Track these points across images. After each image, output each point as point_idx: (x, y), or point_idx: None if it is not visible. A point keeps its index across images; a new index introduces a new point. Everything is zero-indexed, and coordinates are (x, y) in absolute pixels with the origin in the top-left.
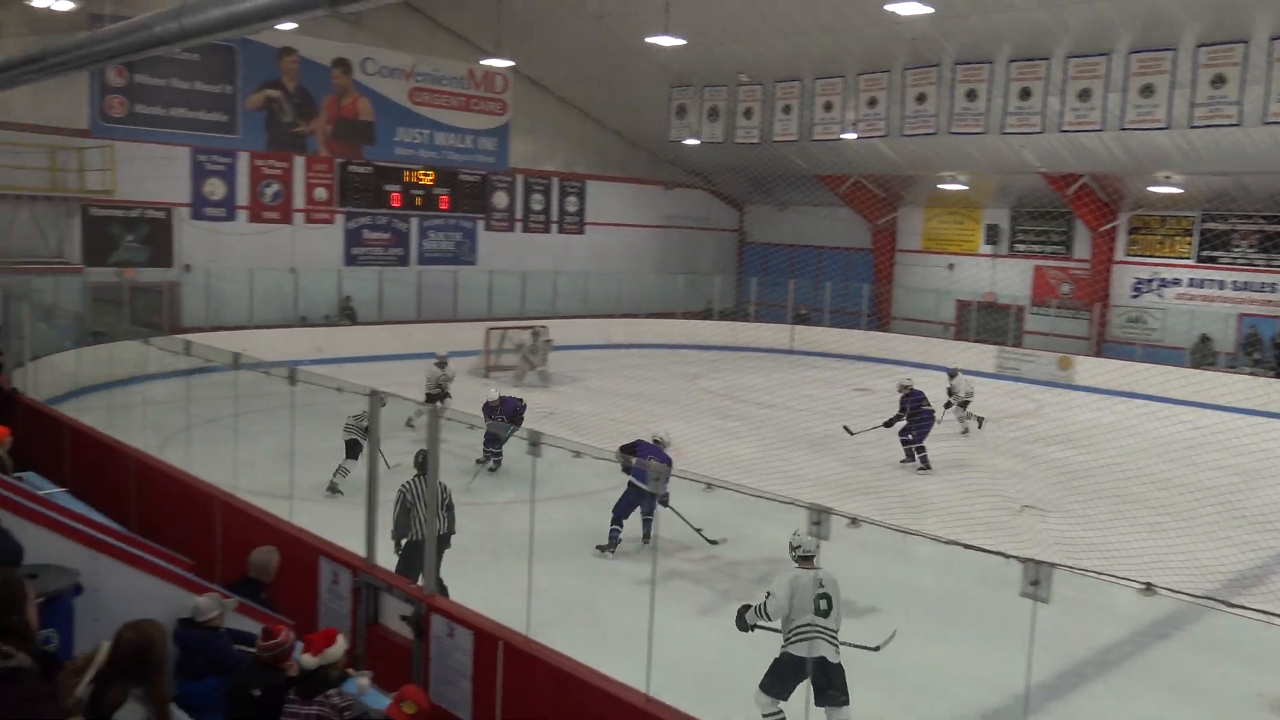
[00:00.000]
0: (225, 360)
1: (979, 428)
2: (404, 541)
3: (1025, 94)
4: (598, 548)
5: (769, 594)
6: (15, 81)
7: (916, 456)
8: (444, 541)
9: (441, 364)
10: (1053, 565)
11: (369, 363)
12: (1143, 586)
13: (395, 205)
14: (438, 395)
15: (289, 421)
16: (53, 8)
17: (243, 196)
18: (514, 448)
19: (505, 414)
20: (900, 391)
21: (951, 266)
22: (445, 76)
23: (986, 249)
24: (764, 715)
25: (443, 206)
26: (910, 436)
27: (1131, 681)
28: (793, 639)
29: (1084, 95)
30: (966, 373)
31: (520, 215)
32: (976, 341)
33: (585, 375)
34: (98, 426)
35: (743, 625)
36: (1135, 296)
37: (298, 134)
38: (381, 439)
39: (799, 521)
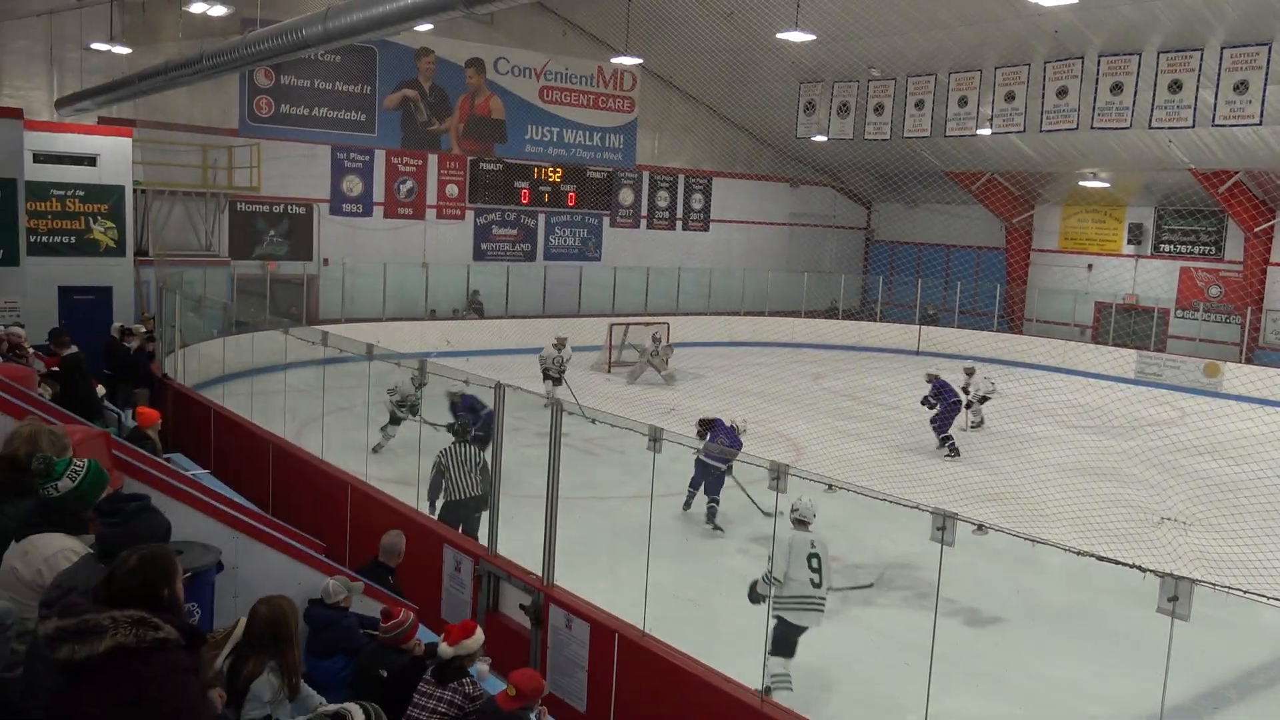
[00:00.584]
0: (359, 351)
1: (975, 426)
2: (438, 502)
3: (1175, 87)
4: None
5: (770, 560)
6: (173, 83)
7: (944, 445)
8: (480, 502)
9: (559, 345)
10: (1194, 581)
11: (495, 356)
12: None
13: (524, 202)
14: (553, 376)
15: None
16: (208, 13)
17: (379, 193)
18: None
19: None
20: (928, 381)
21: (1090, 267)
22: (575, 75)
23: (1129, 249)
24: (774, 675)
25: (570, 203)
26: (936, 425)
27: (1277, 707)
28: (790, 607)
29: (1240, 87)
30: (1097, 377)
31: (645, 212)
32: (1116, 345)
33: (708, 372)
34: (240, 412)
35: (754, 598)
36: None
37: (432, 132)
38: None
39: (924, 526)
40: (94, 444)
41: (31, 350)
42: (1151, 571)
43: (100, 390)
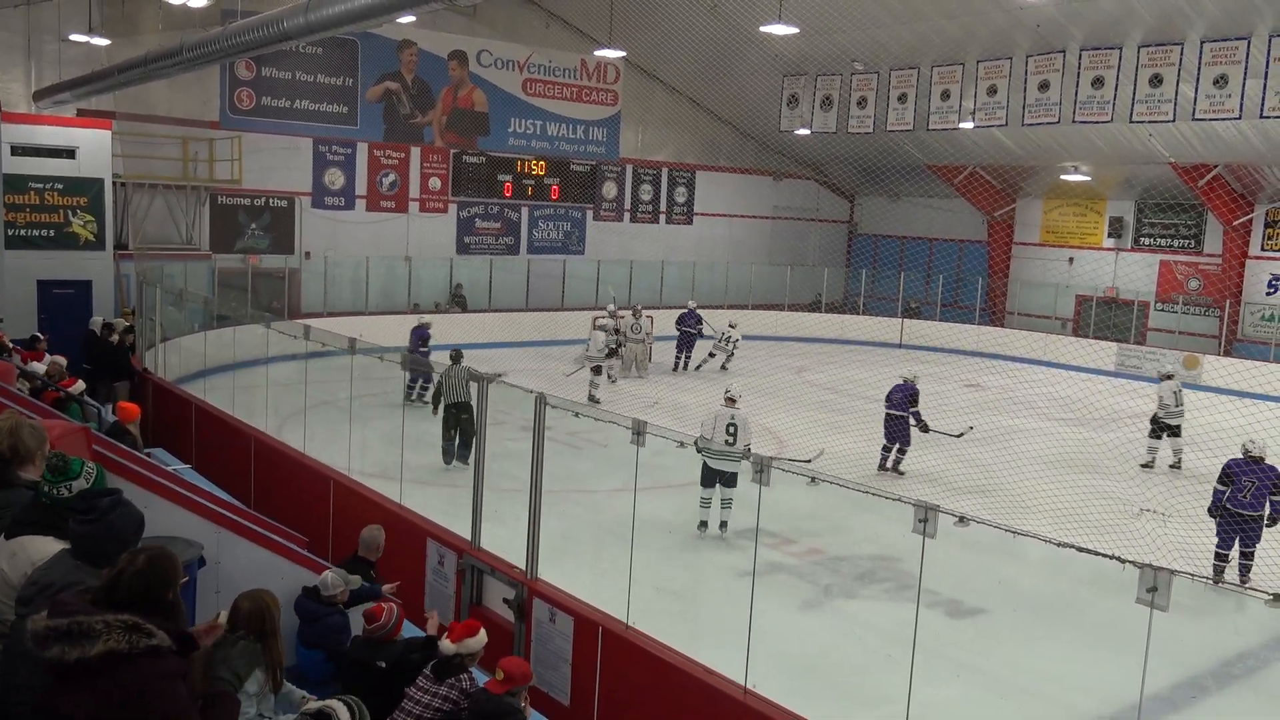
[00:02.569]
0: (342, 345)
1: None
2: (442, 405)
3: (1156, 81)
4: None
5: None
6: (152, 75)
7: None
8: (464, 408)
9: (636, 313)
10: (1172, 572)
11: (479, 350)
12: (1270, 597)
13: (507, 195)
14: (612, 347)
15: (400, 406)
16: (188, 4)
17: (361, 186)
18: (618, 434)
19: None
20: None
21: (1071, 260)
22: (558, 67)
23: (1109, 242)
24: (702, 498)
25: (553, 196)
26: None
27: (1256, 696)
28: (712, 456)
29: (1220, 81)
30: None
31: (629, 205)
32: (1096, 338)
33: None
34: (221, 406)
35: (698, 448)
36: (1271, 293)
37: (414, 125)
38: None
39: (906, 518)
40: (74, 439)
41: (11, 346)
42: (1130, 562)
43: (79, 385)
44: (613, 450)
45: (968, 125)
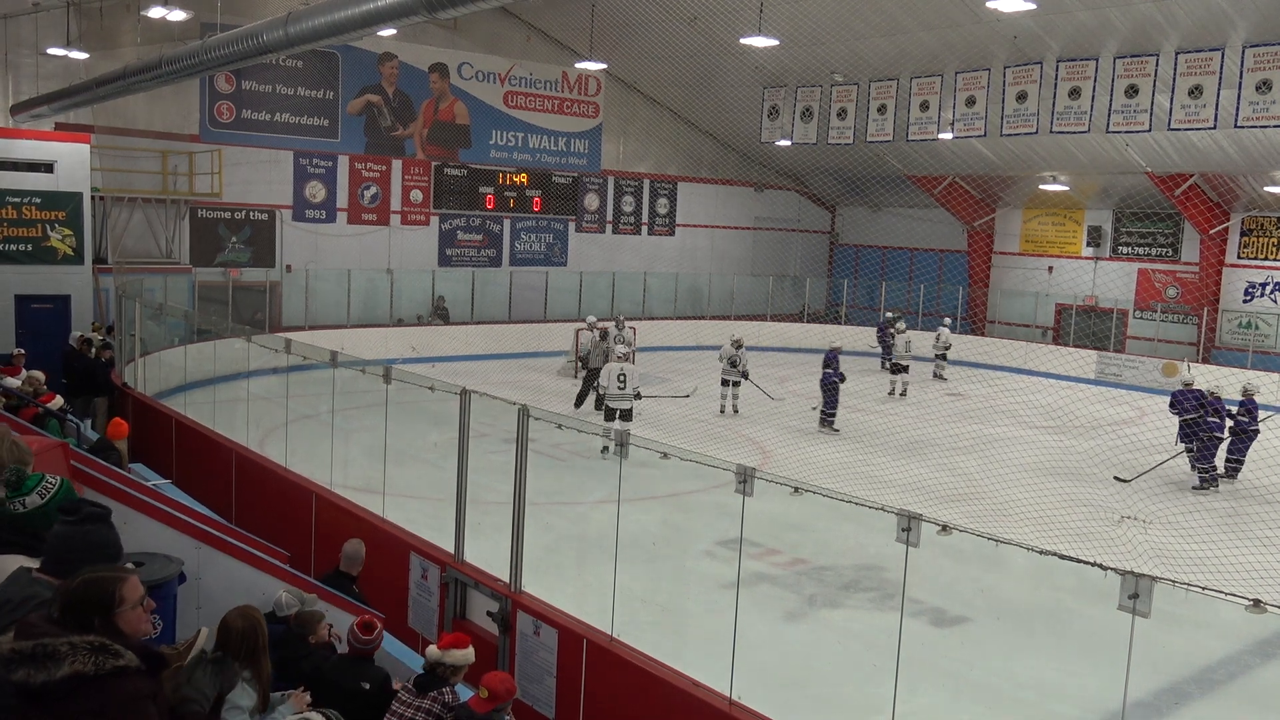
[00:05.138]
0: (323, 358)
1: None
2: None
3: (1132, 91)
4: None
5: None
6: (131, 89)
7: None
8: (594, 374)
9: (738, 345)
10: (1154, 578)
11: (462, 362)
12: (1250, 603)
13: (489, 207)
14: (732, 380)
15: (383, 419)
16: (167, 18)
17: (342, 199)
18: (601, 446)
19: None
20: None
21: (1051, 269)
22: (539, 80)
23: (1088, 251)
24: (603, 428)
25: (535, 208)
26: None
27: (1237, 702)
28: (610, 398)
29: (1195, 92)
30: (1058, 378)
31: (611, 217)
32: (1076, 346)
33: (674, 376)
34: (202, 421)
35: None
36: (1247, 301)
37: (396, 138)
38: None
39: (889, 527)
40: (52, 455)
41: None
42: (1112, 569)
43: (58, 400)
44: (595, 462)
45: (947, 136)
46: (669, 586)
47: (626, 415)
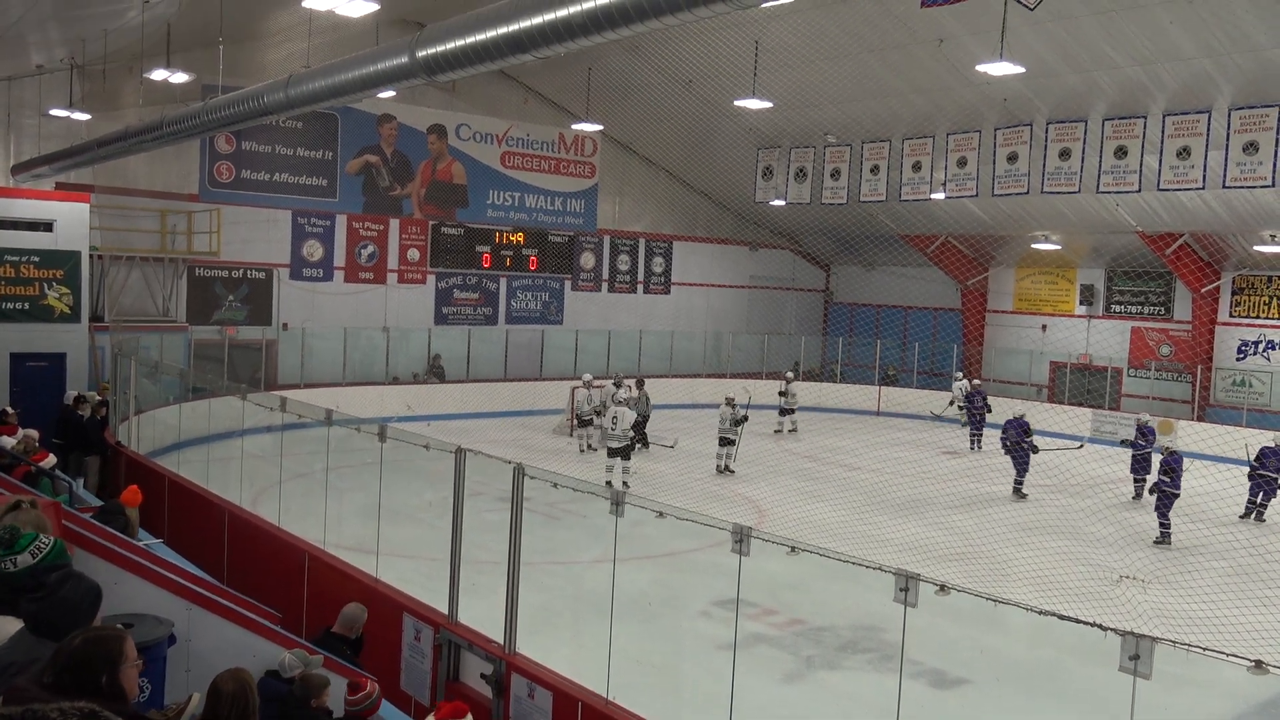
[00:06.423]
0: (318, 417)
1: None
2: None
3: (1121, 152)
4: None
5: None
6: (132, 150)
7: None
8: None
9: (730, 403)
10: (1154, 639)
11: (457, 420)
12: (1252, 664)
13: (485, 265)
14: (730, 439)
15: (378, 478)
16: (169, 80)
17: (339, 258)
18: (597, 505)
19: None
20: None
21: (1044, 327)
22: (536, 141)
23: (1081, 310)
24: (607, 465)
25: (531, 267)
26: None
27: None
28: (605, 438)
29: (1183, 153)
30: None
31: (607, 275)
32: (1071, 404)
33: (668, 435)
34: (195, 479)
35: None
36: (1240, 359)
37: (393, 197)
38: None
39: (887, 587)
40: (45, 514)
41: None
42: (1112, 630)
43: (50, 459)
44: (591, 521)
45: (939, 196)
46: (665, 647)
47: (623, 453)
